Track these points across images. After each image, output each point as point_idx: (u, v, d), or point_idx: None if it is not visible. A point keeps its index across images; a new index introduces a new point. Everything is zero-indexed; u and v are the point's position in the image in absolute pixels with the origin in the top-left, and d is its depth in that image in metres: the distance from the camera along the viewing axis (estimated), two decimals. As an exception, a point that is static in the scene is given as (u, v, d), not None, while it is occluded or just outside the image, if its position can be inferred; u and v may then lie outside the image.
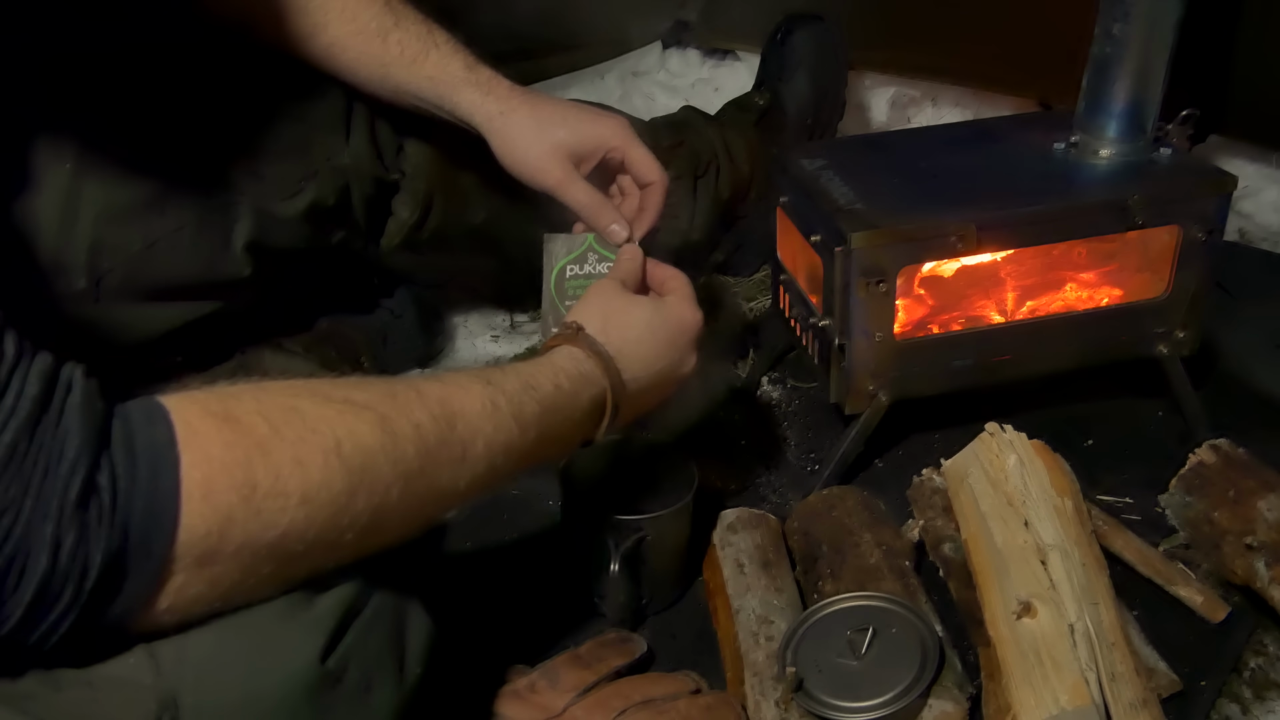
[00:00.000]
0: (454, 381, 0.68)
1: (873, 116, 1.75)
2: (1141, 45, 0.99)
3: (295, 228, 1.01)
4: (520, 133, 0.96)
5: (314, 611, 0.60)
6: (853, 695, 0.79)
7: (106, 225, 0.89)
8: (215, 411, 0.55)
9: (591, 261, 0.95)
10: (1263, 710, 0.86)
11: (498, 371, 0.71)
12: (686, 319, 0.86)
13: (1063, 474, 0.93)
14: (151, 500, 0.51)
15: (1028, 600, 0.81)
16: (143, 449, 0.52)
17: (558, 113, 0.96)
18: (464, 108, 0.97)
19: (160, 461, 0.52)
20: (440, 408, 0.64)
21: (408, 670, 0.66)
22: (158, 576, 0.52)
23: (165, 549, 0.52)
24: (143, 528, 0.51)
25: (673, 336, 0.85)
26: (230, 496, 0.53)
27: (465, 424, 0.65)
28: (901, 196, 1.00)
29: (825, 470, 1.07)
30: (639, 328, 0.83)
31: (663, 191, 0.97)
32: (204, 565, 0.53)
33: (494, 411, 0.67)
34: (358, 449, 0.58)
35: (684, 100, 1.61)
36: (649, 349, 0.83)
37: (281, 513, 0.55)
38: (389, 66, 0.97)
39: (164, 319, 0.97)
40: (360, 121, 1.03)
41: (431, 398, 0.64)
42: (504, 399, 0.68)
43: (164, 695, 0.54)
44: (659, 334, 0.84)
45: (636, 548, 0.89)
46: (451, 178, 1.11)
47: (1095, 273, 1.08)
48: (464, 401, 0.66)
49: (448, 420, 0.64)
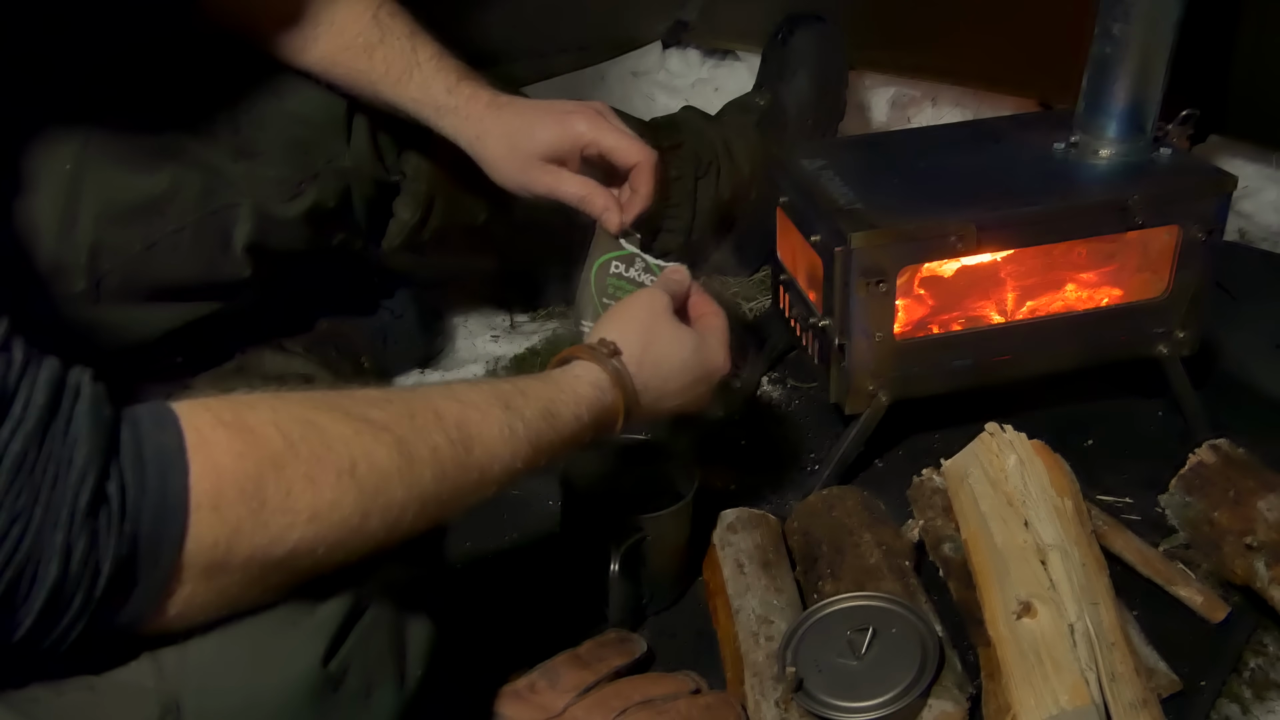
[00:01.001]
0: (473, 404, 0.66)
1: (873, 116, 1.75)
2: (1141, 45, 0.99)
3: (296, 229, 1.02)
4: (497, 153, 0.98)
5: (315, 615, 0.60)
6: (853, 695, 0.79)
7: (106, 226, 0.89)
8: (228, 421, 0.54)
9: (638, 268, 0.95)
10: (1263, 710, 0.86)
11: (518, 395, 0.70)
12: (717, 364, 0.85)
13: (1063, 474, 0.93)
14: (160, 509, 0.51)
15: (1028, 600, 0.81)
16: (151, 456, 0.51)
17: (526, 123, 0.97)
18: (448, 132, 1.00)
19: (170, 469, 0.51)
20: (458, 432, 0.64)
21: (409, 673, 0.66)
22: (165, 585, 0.52)
23: (173, 557, 0.51)
24: (151, 536, 0.51)
25: (699, 380, 0.84)
26: (239, 509, 0.53)
27: (483, 449, 0.65)
28: (901, 196, 1.00)
29: (825, 470, 1.07)
30: (673, 364, 0.82)
31: (649, 170, 0.96)
32: (212, 575, 0.53)
33: (511, 437, 0.67)
34: (373, 470, 0.58)
35: (684, 100, 1.61)
36: (675, 386, 0.82)
37: (290, 529, 0.55)
38: (377, 85, 0.98)
39: (164, 320, 0.97)
40: (361, 124, 1.03)
41: (450, 420, 0.64)
42: (522, 426, 0.68)
43: (166, 699, 0.54)
44: (688, 375, 0.83)
45: (636, 548, 0.89)
46: (452, 179, 1.11)
47: (1095, 273, 1.08)
48: (483, 427, 0.65)
49: (465, 445, 0.64)
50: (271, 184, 0.99)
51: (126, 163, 0.91)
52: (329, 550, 0.57)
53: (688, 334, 0.84)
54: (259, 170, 0.98)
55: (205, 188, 0.95)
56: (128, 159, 0.91)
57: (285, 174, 0.99)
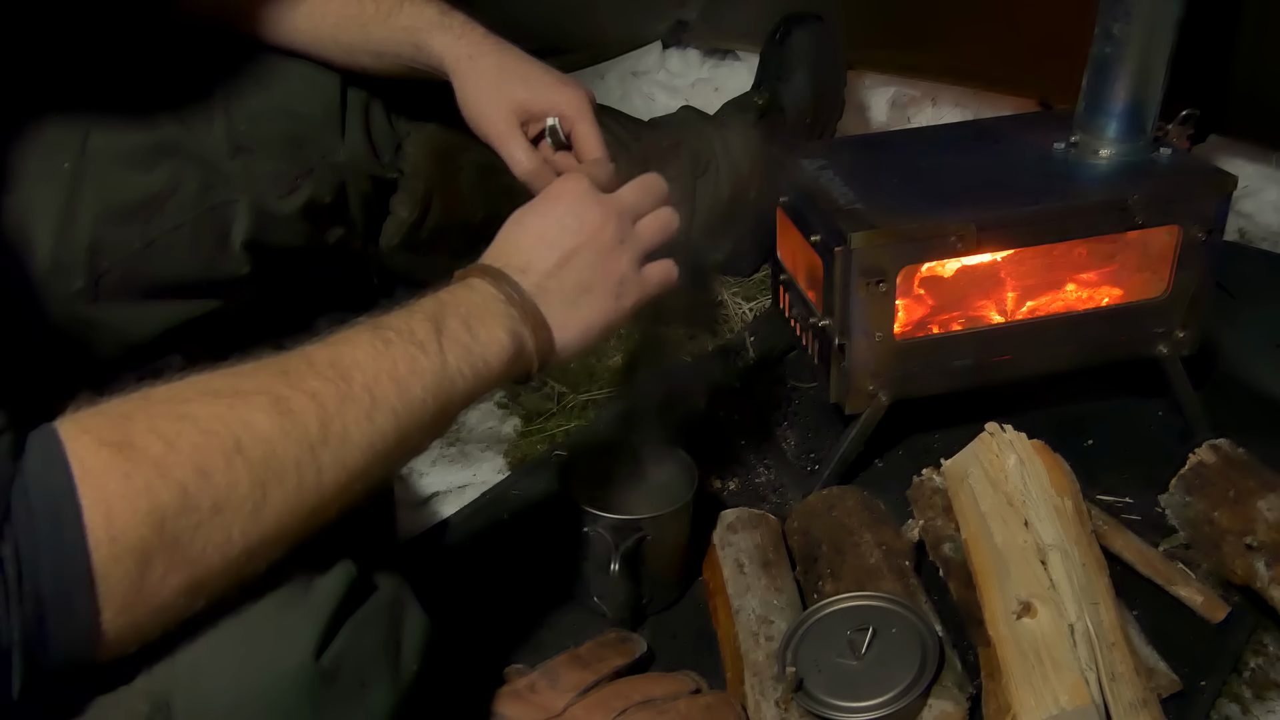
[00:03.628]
0: (343, 339, 0.64)
1: (873, 116, 1.75)
2: (1141, 45, 0.99)
3: (293, 225, 1.01)
4: (481, 79, 0.95)
5: (307, 609, 0.59)
6: (853, 695, 0.79)
7: (105, 224, 0.89)
8: (109, 440, 0.52)
9: None
10: (1263, 710, 0.86)
11: (386, 315, 0.67)
12: (578, 189, 0.77)
13: (1063, 474, 0.93)
14: (58, 560, 0.49)
15: (1028, 600, 0.81)
16: (40, 505, 0.49)
17: (522, 69, 0.96)
18: (436, 51, 0.96)
19: (61, 516, 0.49)
20: (332, 369, 0.61)
21: (403, 667, 0.65)
22: (89, 628, 0.50)
23: (86, 603, 0.50)
24: (55, 591, 0.49)
25: (564, 213, 0.76)
26: (140, 530, 0.51)
27: (362, 372, 0.62)
28: (901, 196, 1.00)
29: (825, 470, 1.07)
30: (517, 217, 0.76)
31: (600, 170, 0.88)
32: (139, 601, 0.52)
33: (386, 349, 0.64)
34: (257, 440, 0.56)
35: (684, 100, 1.61)
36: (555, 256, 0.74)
37: (197, 529, 0.53)
38: (367, 25, 0.97)
39: (162, 318, 0.97)
40: (355, 119, 1.03)
41: (321, 360, 0.61)
42: (393, 334, 0.65)
43: (155, 696, 0.54)
44: (545, 214, 0.76)
45: (636, 548, 0.89)
46: (450, 177, 1.11)
47: (1095, 273, 1.08)
48: (354, 353, 0.63)
49: (343, 376, 0.61)
50: (268, 180, 0.98)
51: (125, 160, 0.91)
52: (244, 532, 0.55)
53: (535, 201, 0.78)
54: (255, 166, 0.98)
55: (203, 184, 0.95)
56: (126, 157, 0.91)
57: (281, 169, 0.99)
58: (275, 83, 1.00)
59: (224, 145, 0.96)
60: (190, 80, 0.96)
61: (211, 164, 0.96)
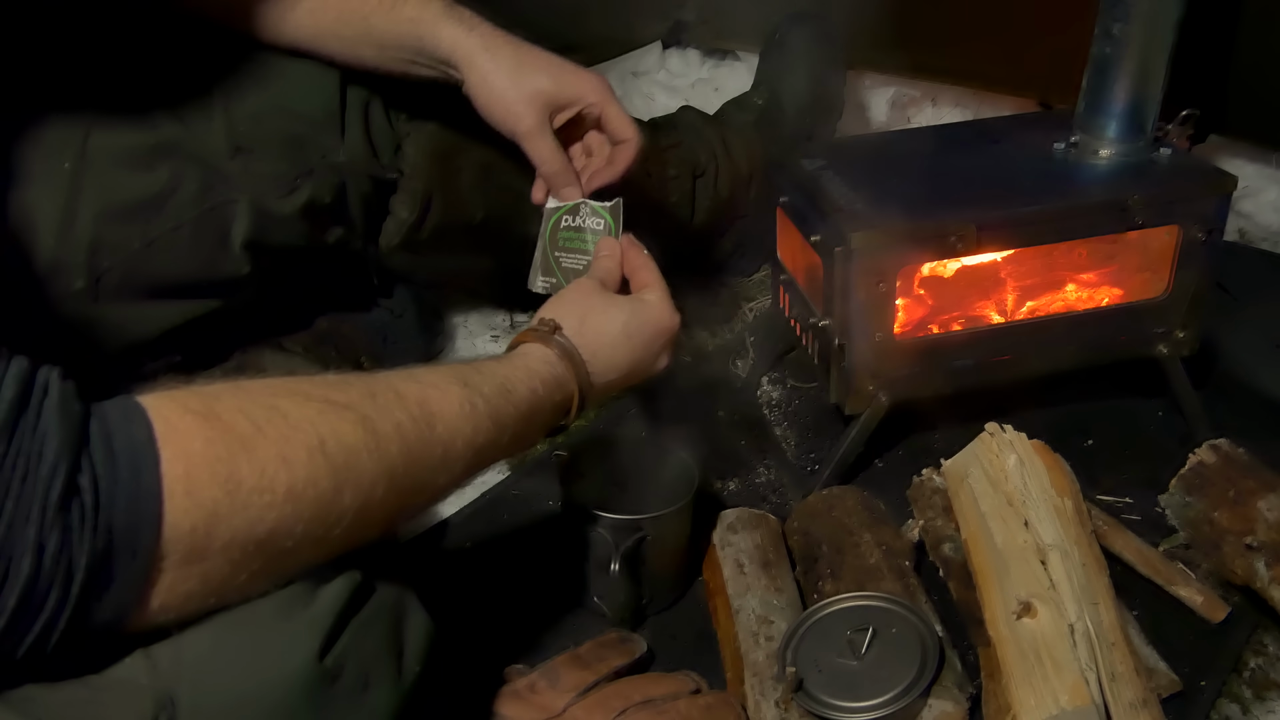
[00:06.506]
0: (431, 383, 0.67)
1: (873, 116, 1.75)
2: (1141, 45, 0.99)
3: (293, 225, 1.01)
4: (500, 72, 0.93)
5: (312, 609, 0.60)
6: (853, 695, 0.79)
7: (105, 224, 0.89)
8: (195, 409, 0.54)
9: (584, 214, 0.95)
10: (1263, 710, 0.86)
11: (474, 373, 0.71)
12: (664, 321, 0.86)
13: (1063, 474, 0.93)
14: (134, 498, 0.50)
15: (1028, 600, 0.81)
16: (122, 447, 0.51)
17: (541, 59, 0.95)
18: (445, 44, 0.94)
19: (140, 458, 0.51)
20: (420, 409, 0.64)
21: (406, 668, 0.66)
22: (145, 575, 0.52)
23: (151, 547, 0.51)
24: (126, 526, 0.50)
25: (648, 340, 0.85)
26: (214, 491, 0.53)
27: (445, 425, 0.65)
28: (901, 196, 1.00)
29: (825, 470, 1.07)
30: (614, 331, 0.83)
31: (634, 150, 0.96)
32: (192, 562, 0.53)
33: (472, 413, 0.68)
34: (341, 446, 0.58)
35: (684, 100, 1.61)
36: (624, 353, 0.83)
37: (268, 508, 0.55)
38: (370, 18, 0.95)
39: (163, 318, 0.97)
40: (354, 119, 1.03)
41: (411, 399, 0.64)
42: (481, 401, 0.69)
43: (161, 695, 0.54)
44: (634, 338, 0.84)
45: (636, 548, 0.89)
46: (450, 177, 1.11)
47: (1095, 273, 1.08)
48: (443, 404, 0.66)
49: (428, 421, 0.64)
50: (268, 180, 0.98)
51: (125, 160, 0.91)
52: (307, 528, 0.57)
53: (623, 300, 0.86)
54: (255, 166, 0.98)
55: (203, 184, 0.94)
56: (126, 157, 0.91)
57: (281, 169, 0.99)
58: (275, 82, 0.99)
59: (224, 145, 0.96)
60: (190, 80, 0.96)
61: (211, 164, 0.95)
